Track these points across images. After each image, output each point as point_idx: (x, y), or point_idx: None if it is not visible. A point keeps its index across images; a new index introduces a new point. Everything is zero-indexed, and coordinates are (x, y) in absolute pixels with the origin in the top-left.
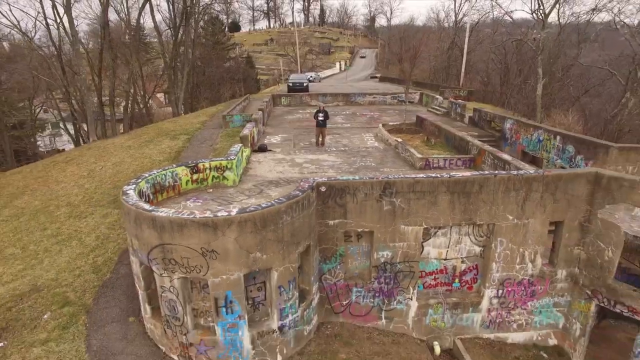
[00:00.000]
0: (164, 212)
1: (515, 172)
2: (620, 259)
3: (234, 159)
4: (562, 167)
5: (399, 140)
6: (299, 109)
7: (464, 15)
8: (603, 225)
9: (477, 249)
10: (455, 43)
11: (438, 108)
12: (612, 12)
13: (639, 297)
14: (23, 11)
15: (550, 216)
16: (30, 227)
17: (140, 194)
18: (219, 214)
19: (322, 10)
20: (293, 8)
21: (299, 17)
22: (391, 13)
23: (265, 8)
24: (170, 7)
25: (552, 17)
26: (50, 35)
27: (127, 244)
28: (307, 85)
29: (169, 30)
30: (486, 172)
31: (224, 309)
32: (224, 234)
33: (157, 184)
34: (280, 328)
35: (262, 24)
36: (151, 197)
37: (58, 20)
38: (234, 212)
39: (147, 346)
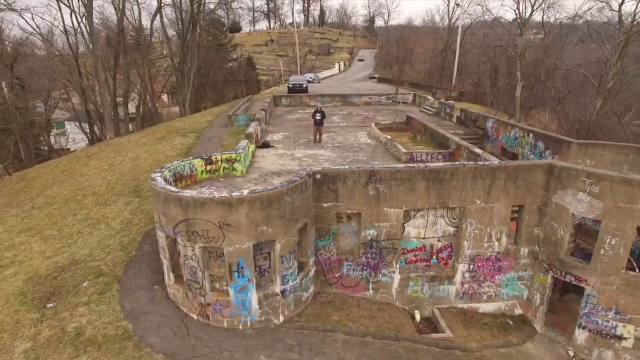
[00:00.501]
0: (188, 192)
1: (481, 163)
2: (579, 240)
3: (242, 152)
4: None
5: (388, 137)
6: (298, 109)
7: (457, 19)
8: (556, 208)
9: (451, 229)
10: (449, 46)
11: (429, 108)
12: (586, 20)
13: (583, 267)
14: (42, 18)
15: (512, 201)
16: (62, 213)
17: (165, 181)
18: (234, 194)
19: (322, 11)
20: (293, 9)
21: (299, 18)
22: (388, 15)
23: (266, 9)
24: (178, 14)
25: (540, 22)
26: (69, 41)
27: (148, 227)
28: (307, 87)
29: (175, 35)
30: (456, 162)
31: (236, 274)
32: (237, 210)
33: (177, 173)
34: (282, 292)
35: (263, 25)
36: (172, 184)
37: (76, 26)
38: (245, 192)
39: (170, 308)
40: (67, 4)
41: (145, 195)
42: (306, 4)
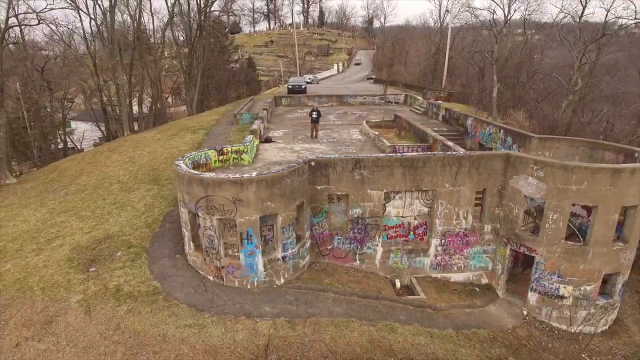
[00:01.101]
0: (208, 174)
1: (449, 153)
2: (538, 221)
3: (249, 145)
4: None
5: (376, 133)
6: (297, 108)
7: (447, 23)
8: (512, 191)
9: (425, 209)
10: (440, 49)
11: (419, 108)
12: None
13: (533, 240)
14: (62, 24)
15: (476, 185)
16: (93, 198)
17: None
18: (244, 175)
19: (321, 12)
20: (292, 10)
21: (299, 18)
22: (384, 19)
23: (265, 10)
24: (187, 22)
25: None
26: (88, 47)
27: (168, 209)
28: (305, 88)
29: (180, 38)
30: (428, 152)
31: (246, 241)
32: (247, 189)
33: (195, 162)
34: (283, 258)
35: (263, 26)
36: (191, 170)
37: (95, 32)
38: (254, 174)
39: (190, 272)
40: (86, 12)
41: (163, 183)
42: (306, 5)
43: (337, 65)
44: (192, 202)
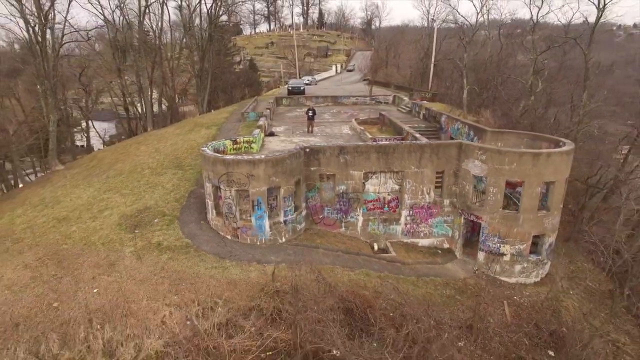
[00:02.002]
0: (228, 156)
1: (414, 142)
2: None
3: (257, 136)
4: None
5: (362, 128)
6: (297, 108)
7: (434, 28)
8: (464, 172)
9: (396, 187)
10: (428, 53)
11: (404, 107)
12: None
13: (480, 209)
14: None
15: (436, 167)
16: (130, 180)
17: None
18: (256, 157)
19: (321, 14)
20: (292, 12)
21: (298, 20)
22: (380, 22)
23: (266, 12)
24: (200, 34)
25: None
26: (114, 55)
27: (192, 188)
28: (304, 89)
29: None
30: (394, 141)
31: (256, 207)
32: (258, 167)
33: (215, 148)
34: (284, 221)
35: (263, 27)
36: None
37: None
38: (262, 156)
39: (212, 233)
40: (115, 26)
41: (186, 169)
42: (305, 7)
43: (336, 67)
44: (215, 178)
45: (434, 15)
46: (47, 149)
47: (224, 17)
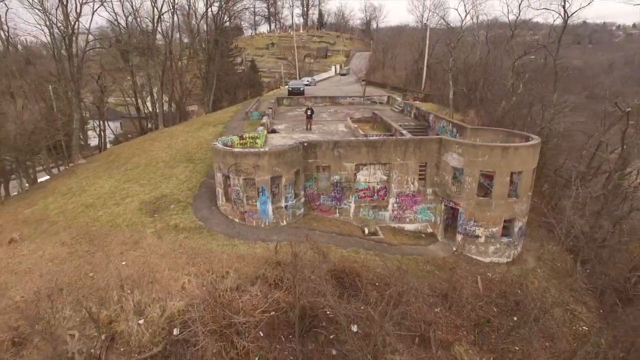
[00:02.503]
0: (237, 149)
1: (399, 137)
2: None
3: (261, 133)
4: None
5: (356, 126)
6: (296, 108)
7: (427, 29)
8: (444, 164)
9: (384, 177)
10: (422, 55)
11: (397, 107)
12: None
13: (457, 196)
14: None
15: (419, 160)
16: (146, 172)
17: None
18: (261, 150)
19: (321, 15)
20: (293, 13)
21: (299, 20)
22: (377, 26)
23: (266, 13)
24: (206, 39)
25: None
26: (127, 59)
27: (202, 179)
28: (304, 90)
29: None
30: (383, 136)
31: (261, 194)
32: (263, 158)
33: (224, 143)
34: (285, 207)
35: (264, 28)
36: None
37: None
38: (266, 149)
39: (222, 217)
40: (126, 29)
41: (196, 162)
42: (305, 8)
43: (335, 67)
44: (225, 168)
45: (427, 20)
46: (58, 146)
47: (227, 21)
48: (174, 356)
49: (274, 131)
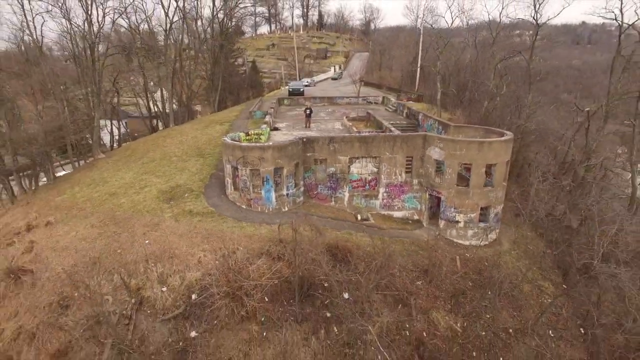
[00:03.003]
0: (244, 143)
1: (388, 133)
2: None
3: (264, 130)
4: None
5: (350, 124)
6: (296, 107)
7: (420, 36)
8: (427, 157)
9: (375, 169)
10: (416, 58)
11: (391, 107)
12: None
13: (440, 186)
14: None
15: (406, 153)
16: (161, 165)
17: None
18: (265, 144)
19: (321, 16)
20: (293, 14)
21: (298, 21)
22: (375, 26)
23: (267, 14)
24: (212, 44)
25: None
26: (139, 62)
27: (212, 171)
28: (303, 90)
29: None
30: (374, 133)
31: (265, 183)
32: (267, 152)
33: (232, 138)
34: (287, 194)
35: (264, 29)
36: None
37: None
38: (270, 143)
39: (231, 203)
40: (138, 34)
41: (206, 157)
42: (305, 10)
43: (334, 68)
44: (234, 160)
45: (420, 25)
46: (76, 143)
47: (231, 27)
48: (193, 316)
49: (276, 129)
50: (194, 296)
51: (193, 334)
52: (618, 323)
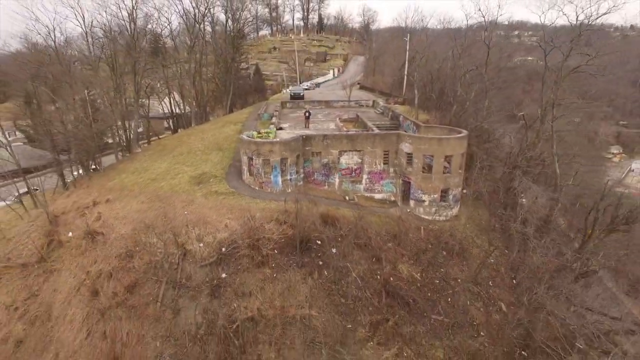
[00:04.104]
0: (258, 139)
1: (370, 132)
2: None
3: (272, 129)
4: None
5: (342, 124)
6: (297, 110)
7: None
8: (400, 151)
9: (359, 160)
10: (403, 64)
11: (379, 109)
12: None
13: (410, 173)
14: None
15: (384, 148)
16: (189, 157)
17: None
18: (273, 140)
19: (320, 19)
20: (293, 17)
21: (299, 23)
22: (372, 30)
23: (269, 17)
24: (226, 57)
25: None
26: (163, 70)
27: (231, 161)
28: (303, 94)
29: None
30: (360, 132)
31: (274, 169)
32: (275, 146)
33: (247, 136)
34: (290, 179)
35: (265, 31)
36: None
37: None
38: (277, 140)
39: (246, 186)
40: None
41: (225, 151)
42: (306, 13)
43: (333, 71)
44: (249, 152)
45: (407, 38)
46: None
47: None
48: (223, 263)
49: (281, 128)
50: (223, 249)
51: (223, 275)
52: (534, 273)
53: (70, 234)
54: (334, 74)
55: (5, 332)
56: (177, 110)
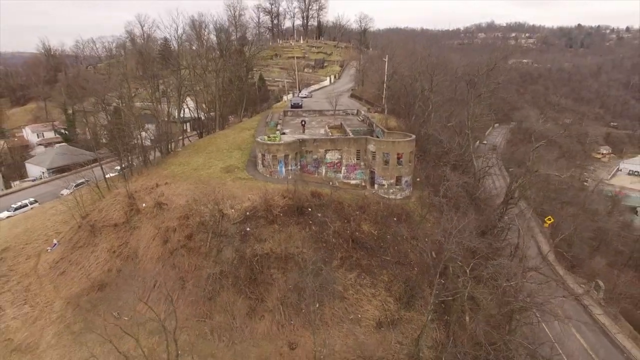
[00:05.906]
0: (268, 142)
1: (347, 137)
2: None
3: (278, 134)
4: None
5: (329, 130)
6: (296, 118)
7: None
8: (367, 150)
9: (339, 156)
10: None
11: (360, 118)
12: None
13: (375, 166)
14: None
15: (356, 148)
16: (218, 154)
17: None
18: (279, 142)
19: (319, 26)
20: (294, 24)
21: (299, 29)
22: (360, 42)
23: (270, 25)
24: (241, 70)
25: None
26: (177, 74)
27: (249, 157)
28: (302, 104)
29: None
30: (340, 136)
31: (279, 162)
32: (280, 146)
33: (261, 139)
34: (291, 169)
35: (267, 36)
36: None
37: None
38: (282, 142)
39: (260, 174)
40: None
41: (243, 150)
42: (305, 20)
43: (329, 78)
44: (262, 150)
45: (386, 58)
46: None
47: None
48: (248, 221)
49: (284, 133)
50: (247, 213)
51: (248, 229)
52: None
53: (144, 204)
54: (330, 81)
55: (110, 265)
56: (201, 116)
